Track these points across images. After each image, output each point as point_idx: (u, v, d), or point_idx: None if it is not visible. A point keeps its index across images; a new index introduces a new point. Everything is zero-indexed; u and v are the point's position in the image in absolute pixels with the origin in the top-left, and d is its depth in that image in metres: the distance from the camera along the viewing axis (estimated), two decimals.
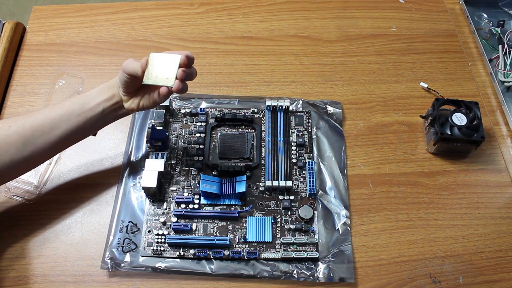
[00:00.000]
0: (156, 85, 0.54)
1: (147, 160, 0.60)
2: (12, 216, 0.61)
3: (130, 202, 0.61)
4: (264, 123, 0.68)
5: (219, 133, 0.67)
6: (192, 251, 0.58)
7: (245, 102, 0.71)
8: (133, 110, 0.57)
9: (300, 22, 0.82)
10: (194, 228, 0.60)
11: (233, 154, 0.65)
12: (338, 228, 0.61)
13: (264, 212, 0.61)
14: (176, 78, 0.52)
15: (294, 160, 0.65)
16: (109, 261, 0.57)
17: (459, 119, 0.65)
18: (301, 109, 0.70)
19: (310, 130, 0.68)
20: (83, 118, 0.55)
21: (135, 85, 0.55)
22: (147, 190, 0.60)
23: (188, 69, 0.53)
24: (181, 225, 0.59)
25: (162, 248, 0.58)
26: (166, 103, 0.66)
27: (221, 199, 0.61)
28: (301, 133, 0.68)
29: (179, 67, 0.52)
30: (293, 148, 0.66)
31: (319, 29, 0.81)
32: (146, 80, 0.52)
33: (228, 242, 0.58)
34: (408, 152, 0.68)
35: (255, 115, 0.69)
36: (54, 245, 0.59)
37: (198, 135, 0.67)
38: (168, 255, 0.58)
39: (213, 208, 0.61)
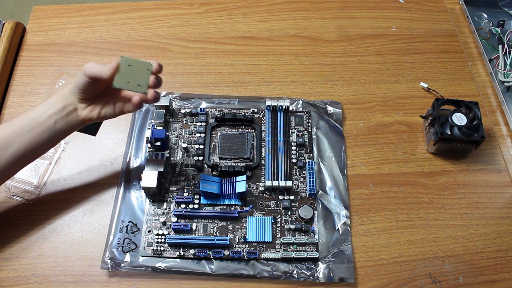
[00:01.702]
0: (123, 96, 0.53)
1: (147, 160, 0.60)
2: (12, 216, 0.61)
3: (130, 202, 0.61)
4: (264, 123, 0.68)
5: (219, 133, 0.67)
6: (192, 251, 0.58)
7: (245, 102, 0.71)
8: (91, 120, 0.55)
9: (300, 22, 0.82)
10: (194, 228, 0.60)
11: (233, 154, 0.65)
12: (338, 228, 0.61)
13: (264, 212, 0.61)
14: (149, 86, 0.51)
15: (294, 160, 0.65)
16: (109, 261, 0.57)
17: (459, 119, 0.65)
18: (301, 109, 0.70)
19: (310, 130, 0.68)
20: (35, 133, 0.53)
21: (95, 89, 0.53)
22: (147, 190, 0.60)
23: (159, 77, 0.52)
24: (181, 225, 0.59)
25: (162, 248, 0.58)
26: (166, 103, 0.66)
27: (221, 199, 0.61)
28: (301, 133, 0.68)
29: (152, 74, 0.51)
30: (293, 148, 0.66)
31: (319, 29, 0.81)
32: (116, 84, 0.51)
33: (228, 242, 0.58)
34: (408, 152, 0.68)
35: (255, 115, 0.69)
36: (54, 245, 0.59)
37: (198, 135, 0.67)
38: (168, 255, 0.58)
39: (213, 208, 0.61)
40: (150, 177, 0.59)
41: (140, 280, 0.57)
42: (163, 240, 0.58)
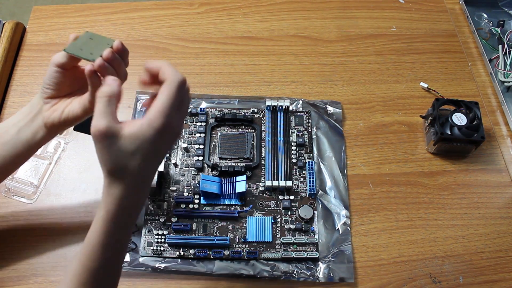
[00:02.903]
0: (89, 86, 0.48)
1: None
2: (12, 216, 0.61)
3: None
4: (264, 123, 0.68)
5: (219, 133, 0.67)
6: (192, 251, 0.58)
7: (245, 102, 0.71)
8: (53, 123, 0.48)
9: (300, 22, 0.82)
10: (194, 228, 0.60)
11: (233, 154, 0.65)
12: (338, 228, 0.61)
13: (264, 212, 0.61)
14: (101, 56, 0.45)
15: (294, 160, 0.65)
16: None
17: (459, 119, 0.65)
18: (301, 109, 0.70)
19: (310, 130, 0.68)
20: None
21: (63, 83, 0.48)
22: None
23: (117, 55, 0.47)
24: (181, 225, 0.59)
25: (162, 248, 0.58)
26: None
27: (221, 199, 0.62)
28: (301, 133, 0.68)
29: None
30: (293, 148, 0.66)
31: (319, 29, 0.81)
32: (67, 49, 0.46)
33: (228, 242, 0.58)
34: (408, 152, 0.68)
35: (255, 115, 0.69)
36: (54, 245, 0.59)
37: (198, 135, 0.67)
38: (168, 255, 0.58)
39: (213, 208, 0.61)
40: None
41: (140, 280, 0.57)
42: (163, 240, 0.58)
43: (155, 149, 0.41)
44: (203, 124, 0.68)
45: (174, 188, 0.63)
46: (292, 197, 0.62)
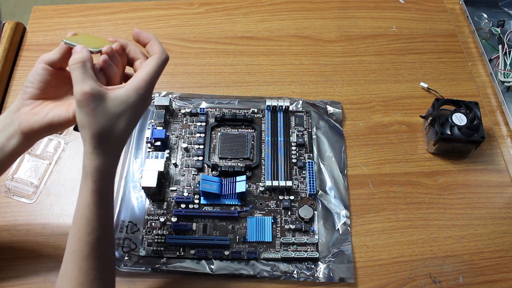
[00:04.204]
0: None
1: (147, 160, 0.60)
2: (12, 216, 0.61)
3: (130, 202, 0.61)
4: (264, 123, 0.68)
5: (219, 133, 0.67)
6: (192, 251, 0.58)
7: (245, 102, 0.71)
8: (32, 129, 0.44)
9: (300, 22, 0.82)
10: (194, 228, 0.60)
11: (233, 154, 0.65)
12: (338, 228, 0.61)
13: (264, 212, 0.61)
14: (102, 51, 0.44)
15: (294, 160, 0.65)
16: None
17: (459, 119, 0.65)
18: (301, 109, 0.70)
19: (310, 130, 0.68)
20: None
21: (50, 82, 0.45)
22: (147, 190, 0.60)
23: (116, 55, 0.46)
24: (181, 225, 0.59)
25: (162, 248, 0.58)
26: (166, 103, 0.66)
27: (221, 199, 0.62)
28: (301, 133, 0.68)
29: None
30: (293, 148, 0.66)
31: (319, 29, 0.81)
32: (67, 40, 0.44)
33: (228, 242, 0.58)
34: (408, 152, 0.68)
35: (255, 115, 0.69)
36: (55, 245, 0.59)
37: (198, 135, 0.67)
38: (168, 255, 0.58)
39: (213, 208, 0.61)
40: (150, 177, 0.59)
41: (140, 280, 0.57)
42: (163, 240, 0.58)
43: (136, 115, 0.43)
44: (203, 124, 0.68)
45: (174, 188, 0.63)
46: (292, 197, 0.62)
